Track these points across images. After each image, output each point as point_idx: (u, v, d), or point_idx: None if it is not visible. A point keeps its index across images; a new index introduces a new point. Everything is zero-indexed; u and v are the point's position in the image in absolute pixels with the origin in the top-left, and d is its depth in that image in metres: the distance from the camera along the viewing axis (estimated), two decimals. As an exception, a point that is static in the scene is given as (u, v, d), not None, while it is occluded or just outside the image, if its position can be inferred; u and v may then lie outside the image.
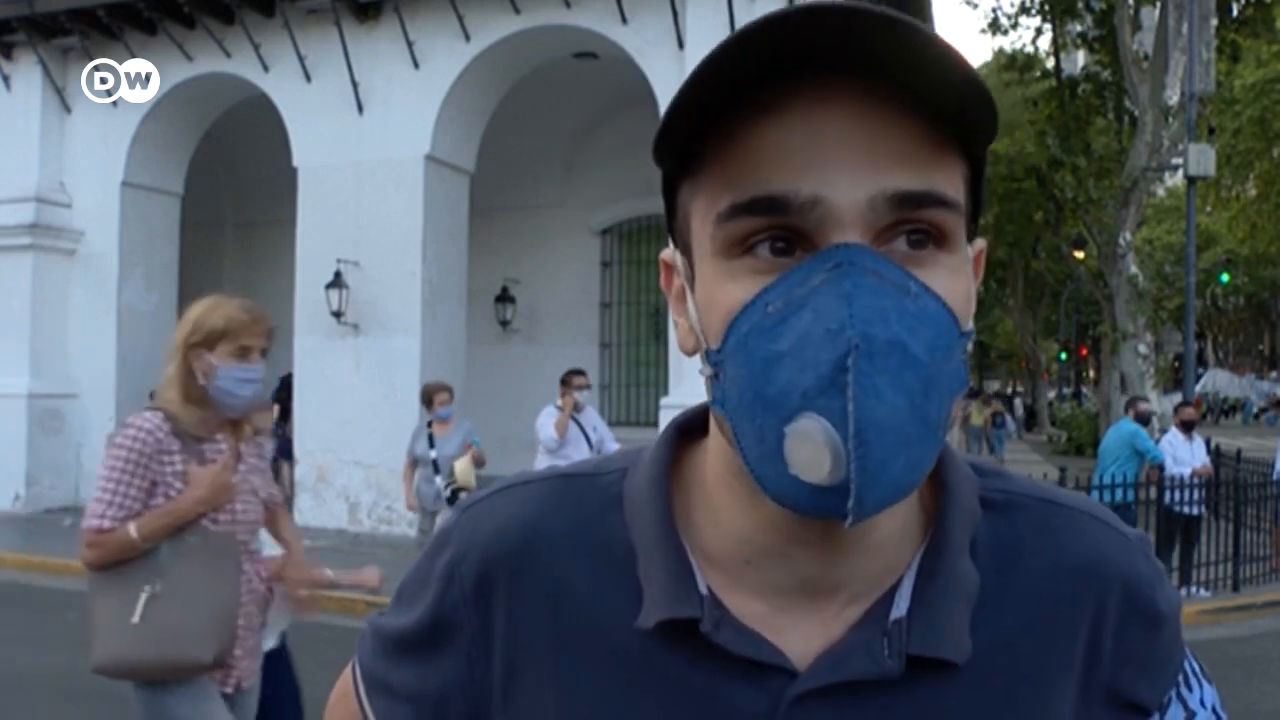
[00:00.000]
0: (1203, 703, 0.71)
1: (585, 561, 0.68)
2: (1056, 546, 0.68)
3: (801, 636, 0.64)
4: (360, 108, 11.41)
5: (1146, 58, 15.58)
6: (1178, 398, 14.00)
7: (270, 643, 3.00)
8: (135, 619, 2.46)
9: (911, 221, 0.57)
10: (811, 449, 0.52)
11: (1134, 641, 0.68)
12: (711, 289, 0.59)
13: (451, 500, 6.98)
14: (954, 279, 0.58)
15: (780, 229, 0.56)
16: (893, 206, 0.56)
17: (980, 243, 0.65)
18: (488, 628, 0.69)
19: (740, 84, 0.55)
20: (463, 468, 7.07)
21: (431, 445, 7.20)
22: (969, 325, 0.59)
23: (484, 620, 0.70)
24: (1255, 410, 41.28)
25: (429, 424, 7.29)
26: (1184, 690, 0.70)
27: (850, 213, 0.55)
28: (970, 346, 0.60)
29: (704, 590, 0.65)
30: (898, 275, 0.55)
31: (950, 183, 0.58)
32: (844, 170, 0.55)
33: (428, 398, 7.40)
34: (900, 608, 0.64)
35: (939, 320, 0.56)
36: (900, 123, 0.56)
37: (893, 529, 0.64)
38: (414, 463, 7.28)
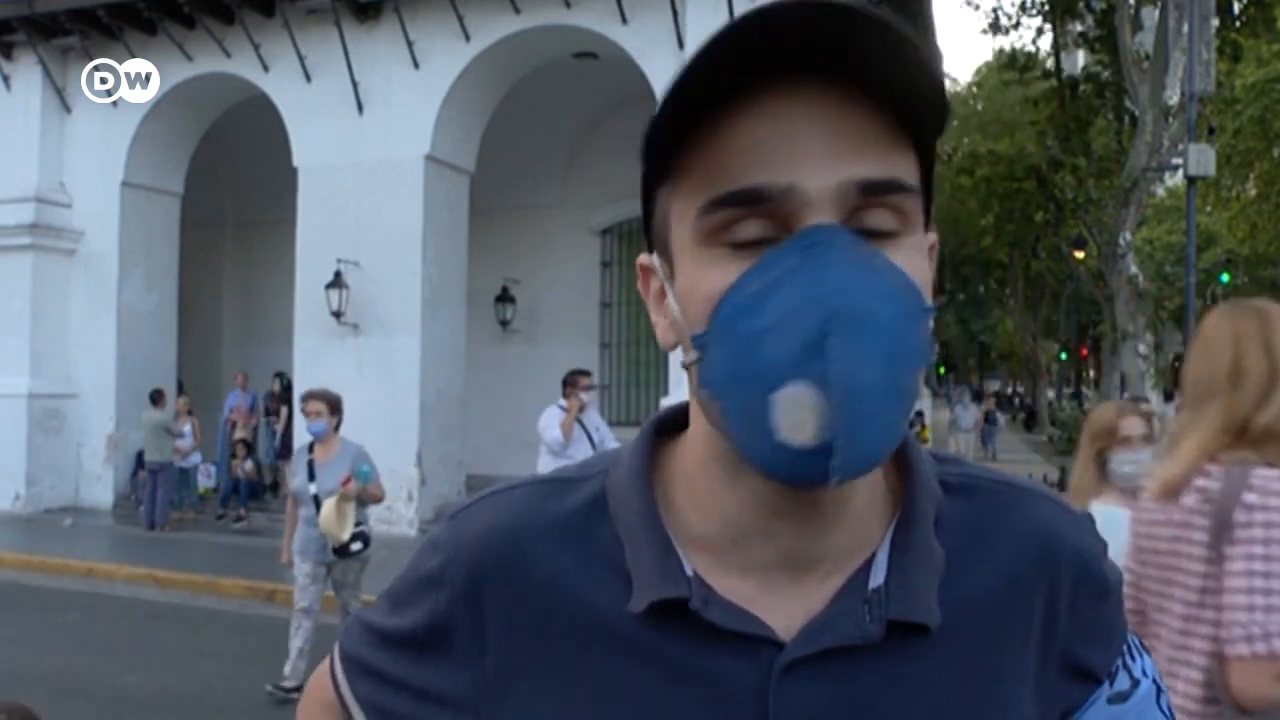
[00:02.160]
0: (1144, 672, 0.77)
1: (572, 557, 0.71)
2: (1012, 523, 0.73)
3: (785, 611, 0.67)
4: (360, 108, 11.42)
5: (1147, 58, 15.57)
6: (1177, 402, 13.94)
7: None
8: None
9: (877, 206, 0.61)
10: (797, 412, 0.57)
11: (1086, 611, 0.73)
12: (694, 277, 0.63)
13: (339, 552, 5.33)
14: (915, 257, 0.63)
15: (758, 218, 0.60)
16: (860, 192, 0.60)
17: (933, 236, 0.69)
18: (480, 627, 0.72)
19: (716, 85, 0.59)
20: (328, 512, 5.21)
21: (312, 477, 5.46)
22: (929, 302, 0.64)
23: (477, 620, 0.72)
24: None
25: (310, 447, 5.60)
26: (1128, 660, 0.76)
27: (822, 197, 0.60)
28: (932, 323, 0.65)
29: (690, 573, 0.68)
30: (866, 253, 0.60)
31: (908, 170, 0.63)
32: (814, 160, 0.60)
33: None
34: (877, 577, 0.68)
35: (906, 293, 0.60)
36: (861, 115, 0.61)
37: (866, 501, 0.69)
38: (296, 501, 5.63)
